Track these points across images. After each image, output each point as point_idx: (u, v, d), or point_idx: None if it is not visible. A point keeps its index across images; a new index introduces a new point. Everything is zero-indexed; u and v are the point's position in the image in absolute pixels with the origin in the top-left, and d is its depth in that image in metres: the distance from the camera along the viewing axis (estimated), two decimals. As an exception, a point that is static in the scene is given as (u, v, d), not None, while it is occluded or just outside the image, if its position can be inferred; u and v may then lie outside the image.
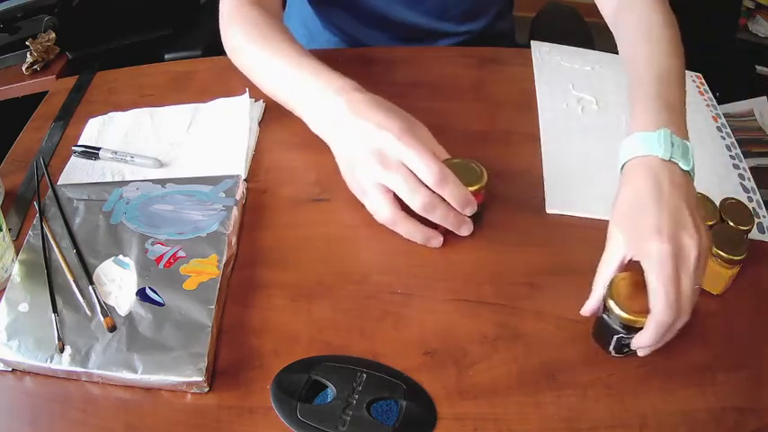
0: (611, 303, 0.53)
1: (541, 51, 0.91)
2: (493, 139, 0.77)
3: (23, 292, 0.60)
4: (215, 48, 0.95)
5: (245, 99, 0.80)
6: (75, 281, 0.60)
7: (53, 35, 1.26)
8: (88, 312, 0.57)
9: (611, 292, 0.53)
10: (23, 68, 1.24)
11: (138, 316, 0.57)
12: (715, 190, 0.71)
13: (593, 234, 0.60)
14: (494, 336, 0.57)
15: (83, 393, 0.54)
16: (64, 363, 0.54)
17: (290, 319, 0.59)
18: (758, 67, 1.77)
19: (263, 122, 0.79)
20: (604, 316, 0.54)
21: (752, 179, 0.72)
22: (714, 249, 0.57)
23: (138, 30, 1.34)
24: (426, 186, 0.60)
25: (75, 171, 0.74)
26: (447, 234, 0.64)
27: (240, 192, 0.68)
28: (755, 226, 0.66)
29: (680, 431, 0.52)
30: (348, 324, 0.58)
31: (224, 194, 0.68)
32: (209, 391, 0.54)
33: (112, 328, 0.56)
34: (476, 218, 0.64)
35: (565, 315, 0.59)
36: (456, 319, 0.59)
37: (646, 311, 0.51)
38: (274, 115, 0.81)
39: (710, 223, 0.60)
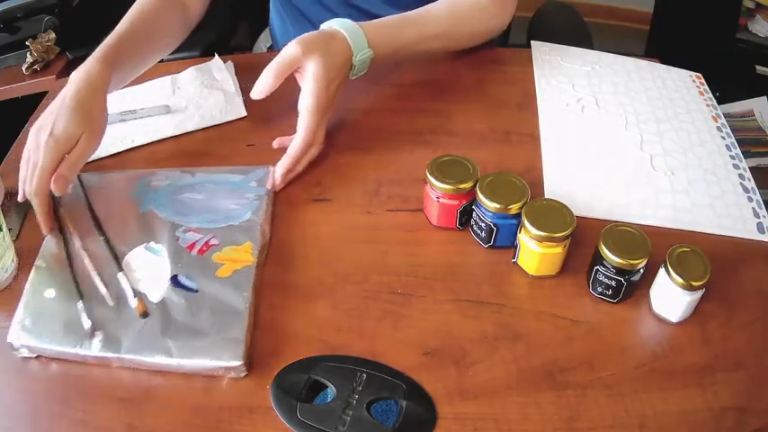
0: (603, 249, 0.57)
1: (541, 51, 0.91)
2: (493, 139, 0.77)
3: (49, 279, 0.60)
4: (214, 48, 0.95)
5: (217, 60, 0.88)
6: (102, 268, 0.60)
7: (53, 35, 1.26)
8: (116, 300, 0.58)
9: (604, 240, 0.58)
10: (23, 68, 1.24)
11: (171, 302, 0.58)
12: (715, 190, 0.71)
13: (592, 234, 0.60)
14: (494, 336, 0.57)
15: (83, 393, 0.54)
16: (94, 349, 0.55)
17: (290, 319, 0.59)
18: (758, 67, 1.77)
19: (263, 122, 0.79)
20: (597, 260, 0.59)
21: (752, 179, 0.72)
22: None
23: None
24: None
25: None
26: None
27: (271, 181, 0.69)
28: (755, 226, 0.67)
29: (680, 431, 0.52)
30: (348, 324, 0.58)
31: (256, 184, 0.69)
32: (245, 375, 0.54)
33: (144, 314, 0.57)
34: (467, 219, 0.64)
35: (565, 315, 0.59)
36: (456, 319, 0.59)
37: (627, 257, 0.56)
38: (275, 115, 0.81)
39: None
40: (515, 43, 1.15)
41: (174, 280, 0.59)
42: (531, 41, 0.93)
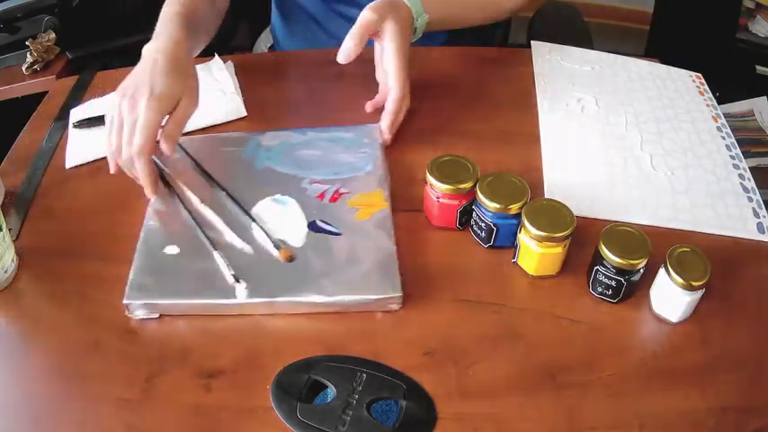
0: (603, 249, 0.57)
1: (541, 51, 0.91)
2: (493, 138, 0.77)
3: (167, 237, 0.62)
4: (214, 48, 0.95)
5: (217, 60, 0.88)
6: (230, 221, 0.63)
7: (53, 35, 1.26)
8: (252, 249, 0.60)
9: (604, 240, 0.57)
10: (23, 68, 1.24)
11: (315, 245, 0.60)
12: (715, 190, 0.71)
13: (592, 234, 0.60)
14: (494, 336, 0.57)
15: (83, 393, 0.54)
16: (240, 297, 0.56)
17: (291, 319, 0.59)
18: (758, 67, 1.76)
19: (263, 122, 0.79)
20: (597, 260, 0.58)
21: (752, 179, 0.72)
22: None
23: (138, 30, 1.33)
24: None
25: (79, 146, 0.77)
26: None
27: (381, 137, 0.73)
28: (755, 226, 0.67)
29: (680, 431, 0.52)
30: (348, 324, 0.58)
31: (368, 140, 0.72)
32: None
33: (290, 259, 0.59)
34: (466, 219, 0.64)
35: (565, 315, 0.59)
36: (456, 319, 0.59)
37: (627, 257, 0.56)
38: (275, 115, 0.81)
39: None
40: (515, 43, 1.15)
41: (313, 225, 0.62)
42: (531, 41, 0.93)
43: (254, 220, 0.63)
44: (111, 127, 0.66)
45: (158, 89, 0.64)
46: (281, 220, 0.64)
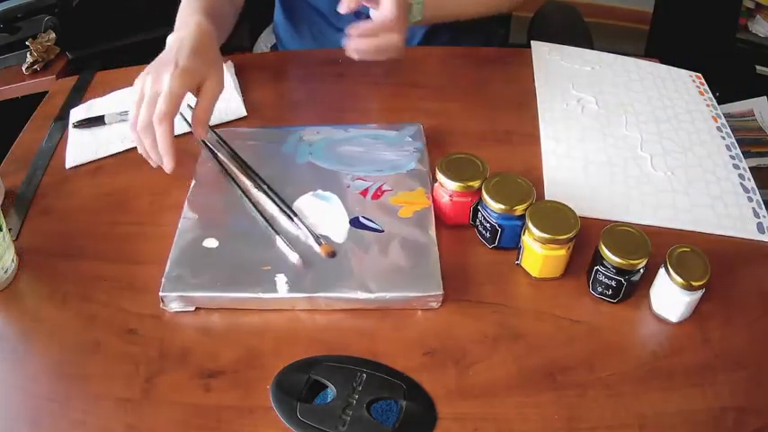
0: (603, 249, 0.57)
1: (541, 51, 0.91)
2: (493, 139, 0.77)
3: (205, 229, 0.62)
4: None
5: None
6: (269, 216, 0.63)
7: (53, 35, 1.26)
8: (302, 236, 0.61)
9: (604, 240, 0.57)
10: (23, 68, 1.24)
11: (357, 241, 0.60)
12: (715, 190, 0.71)
13: (593, 234, 0.60)
14: (494, 336, 0.57)
15: (83, 393, 0.54)
16: (281, 291, 0.56)
17: (290, 318, 0.59)
18: (758, 67, 1.76)
19: (263, 121, 0.80)
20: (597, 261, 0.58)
21: (752, 179, 0.72)
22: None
23: (138, 29, 1.34)
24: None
25: (79, 146, 0.77)
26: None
27: (424, 137, 0.74)
28: (755, 226, 0.67)
29: (680, 431, 0.52)
30: (348, 324, 0.58)
31: (411, 138, 0.72)
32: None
33: (332, 254, 0.59)
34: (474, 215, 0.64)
35: (565, 315, 0.59)
36: (456, 319, 0.59)
37: (627, 257, 0.56)
38: (275, 115, 0.81)
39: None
40: (515, 43, 1.15)
41: (356, 222, 0.63)
42: (531, 41, 0.93)
43: (295, 214, 0.63)
44: (133, 104, 0.65)
45: (183, 63, 0.64)
46: (323, 215, 0.64)
